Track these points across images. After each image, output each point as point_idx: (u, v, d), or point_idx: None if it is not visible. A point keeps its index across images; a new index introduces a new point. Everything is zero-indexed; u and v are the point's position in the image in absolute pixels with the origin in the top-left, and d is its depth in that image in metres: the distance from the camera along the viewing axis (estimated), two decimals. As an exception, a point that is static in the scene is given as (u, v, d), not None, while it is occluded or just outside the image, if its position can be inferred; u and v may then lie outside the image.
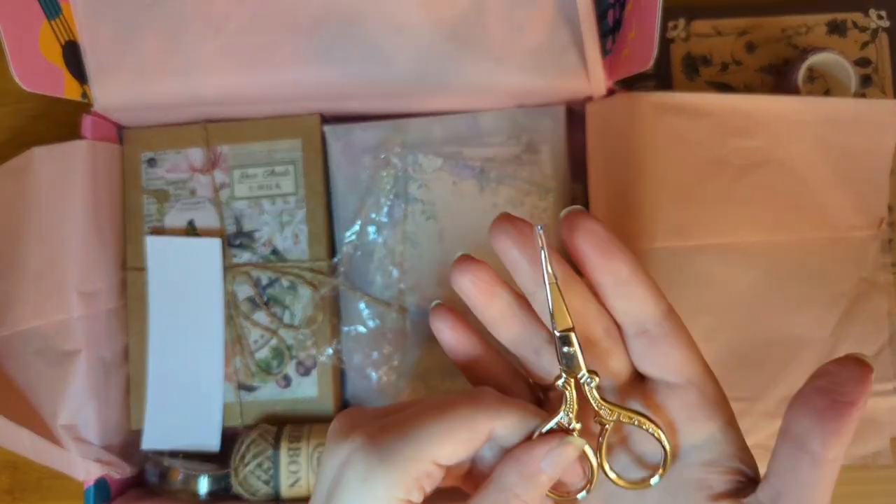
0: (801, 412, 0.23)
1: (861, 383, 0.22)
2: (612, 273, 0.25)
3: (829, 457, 0.22)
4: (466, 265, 0.27)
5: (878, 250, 0.51)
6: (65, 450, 0.49)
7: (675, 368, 0.26)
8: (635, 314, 0.26)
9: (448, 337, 0.29)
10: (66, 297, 0.49)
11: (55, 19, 0.49)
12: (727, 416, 0.26)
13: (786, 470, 0.23)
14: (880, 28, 0.56)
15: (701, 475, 0.26)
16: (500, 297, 0.27)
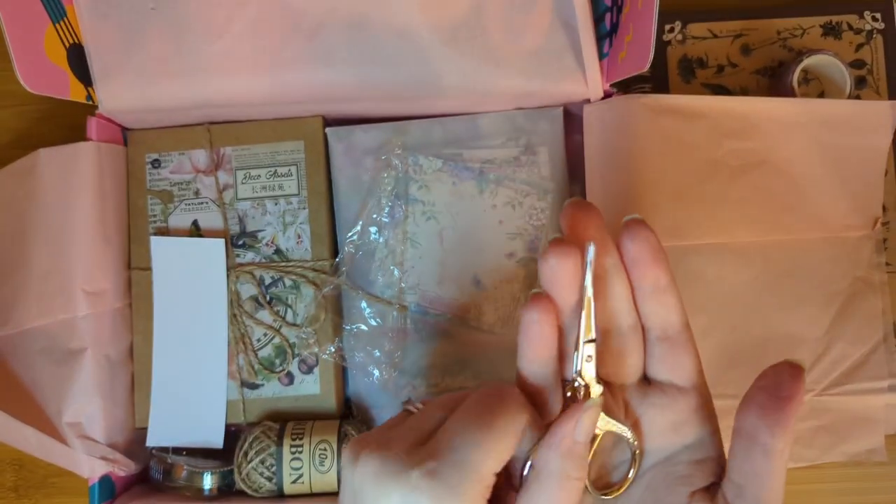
0: (748, 410, 0.26)
1: (796, 380, 0.26)
2: (654, 279, 0.28)
3: (778, 447, 0.25)
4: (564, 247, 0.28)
5: (872, 250, 0.51)
6: (70, 447, 0.49)
7: (687, 374, 0.29)
8: (663, 319, 0.29)
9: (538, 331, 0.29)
10: (72, 297, 0.50)
11: (60, 22, 0.49)
12: (716, 424, 0.29)
13: (742, 463, 0.26)
14: (875, 30, 0.56)
15: (688, 472, 0.28)
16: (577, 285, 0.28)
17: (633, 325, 0.29)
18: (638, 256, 0.29)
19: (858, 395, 0.50)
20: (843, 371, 0.50)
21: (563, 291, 0.28)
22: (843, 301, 0.50)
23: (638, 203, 0.49)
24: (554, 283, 0.28)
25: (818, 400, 0.50)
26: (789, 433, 0.25)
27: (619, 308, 0.29)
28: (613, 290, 0.29)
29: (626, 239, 0.29)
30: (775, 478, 0.26)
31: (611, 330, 0.29)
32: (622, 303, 0.29)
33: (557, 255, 0.28)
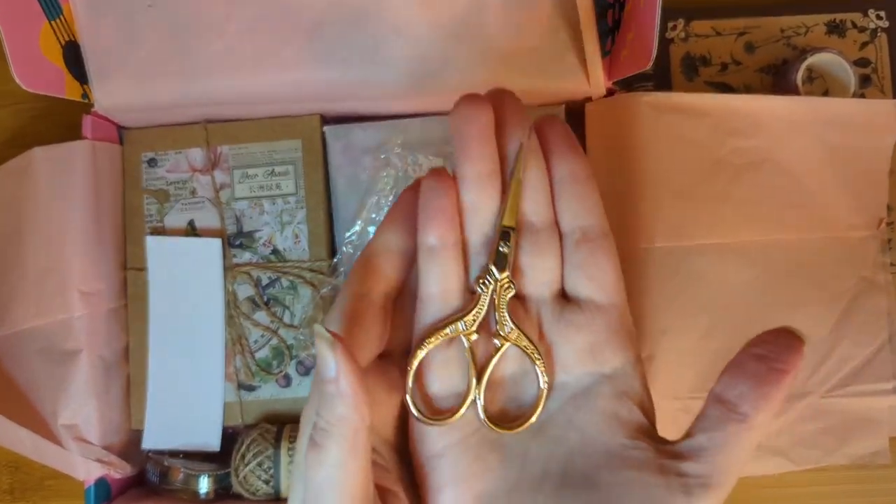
0: (736, 377, 0.24)
1: (796, 353, 0.23)
2: (571, 167, 0.26)
3: (758, 421, 0.23)
4: (480, 100, 0.26)
5: (877, 250, 0.51)
6: (65, 449, 0.49)
7: (606, 287, 0.26)
8: (583, 218, 0.26)
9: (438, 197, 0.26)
10: (67, 297, 0.50)
11: (56, 20, 0.49)
12: (637, 352, 0.26)
13: (712, 428, 0.24)
14: (879, 28, 0.56)
15: (612, 406, 0.25)
16: (493, 150, 0.26)
17: (549, 223, 0.26)
18: (554, 145, 0.26)
19: (863, 397, 0.50)
20: (848, 372, 0.50)
21: (474, 152, 0.25)
22: (848, 301, 0.50)
23: (640, 202, 0.49)
24: (464, 141, 0.25)
25: (822, 402, 0.50)
26: (774, 409, 0.23)
27: (535, 199, 0.26)
28: (529, 176, 0.26)
29: (543, 127, 0.26)
30: (743, 450, 0.24)
31: (523, 226, 0.26)
32: (539, 194, 0.26)
33: (470, 106, 0.25)
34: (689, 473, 0.23)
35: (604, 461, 0.24)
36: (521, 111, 0.26)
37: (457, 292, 0.26)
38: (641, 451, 0.24)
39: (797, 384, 0.49)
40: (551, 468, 0.25)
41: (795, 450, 0.50)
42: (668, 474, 0.24)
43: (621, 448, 0.24)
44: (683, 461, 0.24)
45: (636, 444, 0.25)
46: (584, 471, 0.24)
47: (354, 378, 0.23)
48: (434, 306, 0.26)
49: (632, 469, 0.24)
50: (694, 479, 0.23)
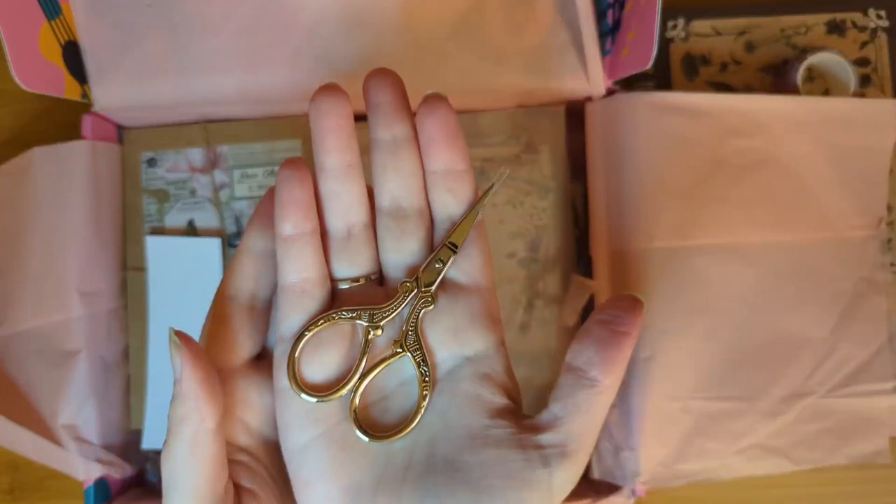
0: (583, 344, 0.25)
1: (636, 315, 0.25)
2: (447, 161, 0.26)
3: (606, 383, 0.24)
4: (335, 91, 0.26)
5: (877, 250, 0.51)
6: (65, 450, 0.49)
7: (474, 271, 0.26)
8: (453, 210, 0.26)
9: (291, 190, 0.26)
10: (67, 298, 0.49)
11: (55, 19, 0.49)
12: (501, 337, 0.26)
13: (566, 396, 0.25)
14: (879, 28, 0.56)
15: (474, 389, 0.25)
16: (351, 141, 0.27)
17: (417, 209, 0.26)
18: (433, 134, 0.26)
19: (863, 397, 0.50)
20: (848, 372, 0.50)
21: (330, 145, 0.26)
22: (848, 302, 0.50)
23: (640, 202, 0.49)
24: (321, 134, 0.26)
25: (822, 402, 0.50)
26: (620, 370, 0.24)
27: (405, 185, 0.26)
28: (401, 164, 0.26)
29: (423, 114, 0.26)
30: (596, 414, 0.24)
31: (391, 210, 0.26)
32: (409, 180, 0.26)
33: (326, 100, 0.26)
34: (546, 444, 0.24)
35: (466, 443, 0.24)
36: (396, 99, 0.26)
37: (316, 281, 0.26)
38: (502, 430, 0.24)
39: (797, 384, 0.49)
40: (416, 456, 0.25)
41: (796, 450, 0.50)
42: (527, 448, 0.24)
43: (482, 429, 0.24)
44: (541, 433, 0.24)
45: (496, 423, 0.25)
46: (447, 455, 0.24)
47: (197, 381, 0.24)
48: (293, 297, 0.26)
49: (492, 447, 0.24)
50: (551, 448, 0.24)
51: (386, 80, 0.26)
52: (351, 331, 0.26)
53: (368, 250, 0.27)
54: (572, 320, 0.52)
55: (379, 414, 0.26)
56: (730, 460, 0.50)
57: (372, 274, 0.27)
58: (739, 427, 0.49)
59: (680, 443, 0.49)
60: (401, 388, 0.26)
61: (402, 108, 0.26)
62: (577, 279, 0.52)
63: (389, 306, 0.26)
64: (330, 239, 0.27)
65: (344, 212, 0.26)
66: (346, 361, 0.26)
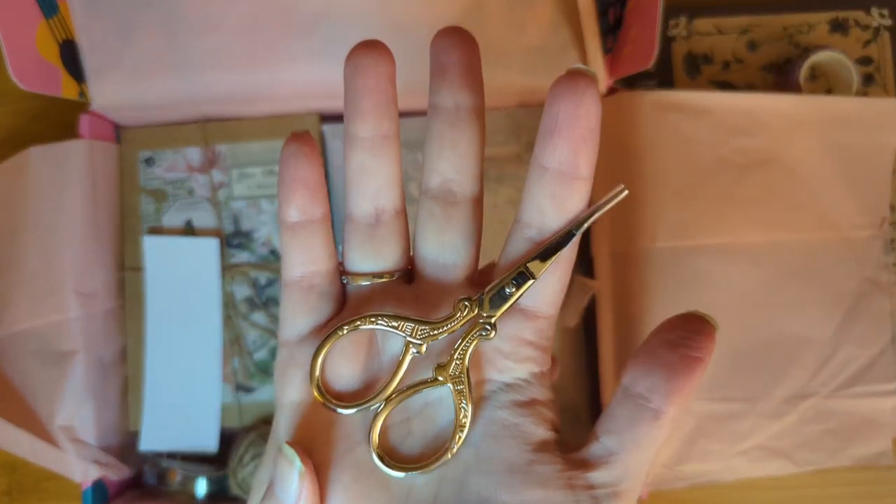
0: (647, 368, 0.21)
1: (709, 339, 0.21)
2: (568, 164, 0.22)
3: (670, 414, 0.21)
4: (379, 47, 0.22)
5: (880, 250, 0.50)
6: (62, 451, 0.49)
7: (542, 300, 0.22)
8: (549, 220, 0.22)
9: (296, 164, 0.22)
10: (64, 298, 0.49)
11: (52, 18, 0.48)
12: (546, 366, 0.23)
13: (622, 428, 0.21)
14: (882, 27, 0.56)
15: (515, 418, 0.22)
16: (391, 106, 0.23)
17: (470, 196, 0.24)
18: (563, 122, 0.21)
19: (866, 398, 0.50)
20: (851, 373, 0.50)
21: (368, 109, 0.22)
22: (851, 302, 0.50)
23: (642, 202, 0.49)
24: (356, 94, 0.22)
25: (825, 403, 0.49)
26: (687, 400, 0.21)
27: (460, 165, 0.23)
28: (459, 139, 0.23)
29: (561, 91, 0.21)
30: (654, 449, 0.21)
31: (439, 192, 0.23)
32: (466, 160, 0.23)
33: (367, 55, 0.22)
34: (598, 484, 0.21)
35: (505, 480, 0.21)
36: (468, 62, 0.22)
37: (324, 276, 0.23)
38: (547, 466, 0.21)
39: (800, 385, 0.49)
40: (443, 493, 0.22)
41: (798, 452, 0.50)
42: (576, 489, 0.21)
43: (524, 464, 0.21)
44: (592, 470, 0.21)
45: (540, 457, 0.22)
46: (482, 492, 0.21)
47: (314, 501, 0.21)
48: (299, 293, 0.23)
49: (535, 486, 0.21)
50: (603, 488, 0.21)
51: (459, 39, 0.22)
52: (369, 336, 0.23)
53: (398, 241, 0.23)
54: (573, 321, 0.51)
55: (401, 438, 0.23)
56: (732, 462, 0.49)
57: (398, 271, 0.23)
58: (742, 428, 0.49)
59: (682, 444, 0.49)
60: (426, 408, 0.23)
61: (473, 73, 0.23)
62: (578, 279, 0.52)
63: (440, 325, 0.22)
64: (353, 223, 0.23)
65: (374, 192, 0.23)
66: (365, 373, 0.23)
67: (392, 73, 0.23)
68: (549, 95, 0.21)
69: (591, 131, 0.21)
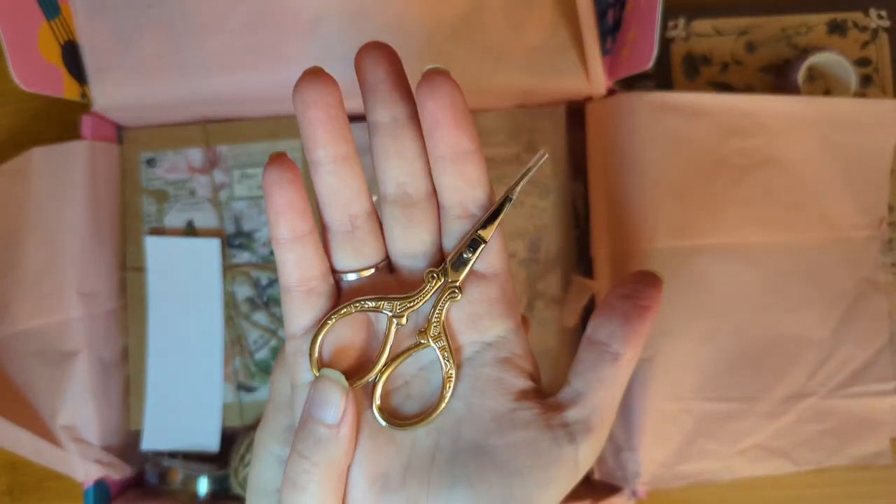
0: (605, 317, 0.25)
1: (656, 290, 0.25)
2: (455, 145, 0.24)
3: (627, 356, 0.24)
4: (321, 77, 0.24)
5: (878, 250, 0.50)
6: (64, 450, 0.49)
7: (491, 258, 0.26)
8: (464, 195, 0.25)
9: (284, 193, 0.24)
10: (66, 298, 0.49)
11: (54, 19, 0.49)
12: (518, 320, 0.26)
13: (587, 370, 0.25)
14: (880, 28, 0.56)
15: (496, 373, 0.25)
16: (344, 130, 0.25)
17: (424, 193, 0.25)
18: (437, 116, 0.23)
19: (864, 398, 0.50)
20: (849, 373, 0.50)
21: (322, 138, 0.24)
22: (849, 302, 0.50)
23: (641, 202, 0.49)
24: (310, 127, 0.24)
25: (824, 402, 0.50)
26: (641, 344, 0.25)
27: (410, 170, 0.25)
28: (404, 147, 0.25)
29: (425, 93, 0.23)
30: (618, 387, 0.25)
31: (397, 197, 0.25)
32: (414, 164, 0.25)
33: (312, 89, 0.24)
34: (571, 421, 0.24)
35: (492, 426, 0.25)
36: (393, 76, 0.25)
37: (321, 278, 0.26)
38: (527, 411, 0.25)
39: (798, 385, 0.49)
40: (442, 442, 0.25)
41: (797, 451, 0.50)
42: (554, 427, 0.24)
43: (508, 411, 0.25)
44: (565, 410, 0.25)
45: (521, 405, 0.25)
46: (473, 439, 0.25)
47: (355, 424, 0.24)
48: (299, 297, 0.25)
49: (519, 429, 0.24)
50: (576, 424, 0.24)
51: (380, 55, 0.25)
52: (366, 320, 0.26)
53: (374, 239, 0.26)
54: (573, 321, 0.52)
55: (401, 400, 0.26)
56: (731, 461, 0.49)
57: (379, 263, 0.26)
58: (740, 428, 0.49)
59: (681, 444, 0.49)
60: (421, 372, 0.26)
61: (400, 85, 0.25)
62: (577, 280, 0.52)
63: (414, 297, 0.25)
64: (332, 232, 0.26)
65: (344, 205, 0.25)
66: (364, 352, 0.26)
67: (339, 98, 0.25)
68: (417, 99, 0.24)
69: (461, 113, 0.24)
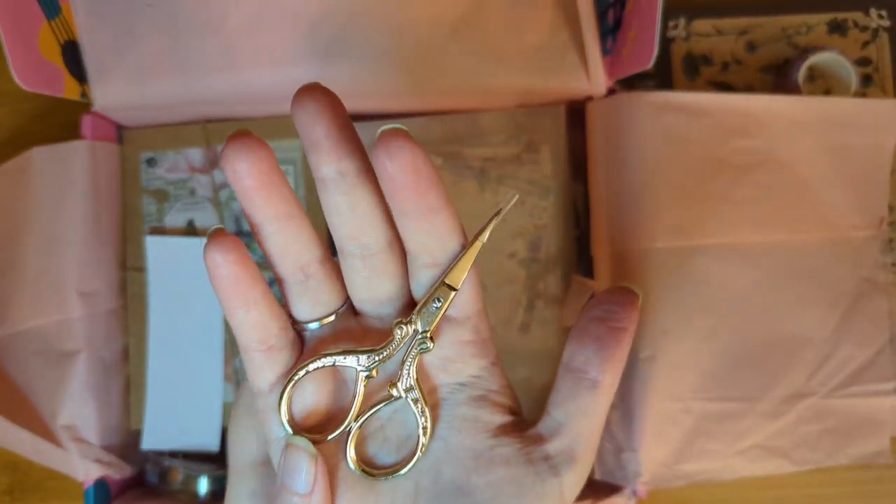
0: (580, 343, 0.24)
1: (632, 309, 0.24)
2: (420, 206, 0.22)
3: (606, 382, 0.23)
4: (246, 141, 0.22)
5: (878, 250, 0.50)
6: (65, 450, 0.49)
7: (463, 304, 0.24)
8: (431, 246, 0.23)
9: (228, 271, 0.23)
10: (66, 298, 0.49)
11: (55, 19, 0.49)
12: (493, 357, 0.25)
13: (566, 399, 0.24)
14: (881, 27, 0.56)
15: (472, 412, 0.25)
16: (281, 190, 0.23)
17: (385, 243, 0.24)
18: (398, 180, 0.21)
19: (864, 398, 0.50)
20: (849, 373, 0.50)
21: (259, 202, 0.23)
22: (849, 302, 0.50)
23: (641, 202, 0.49)
24: (246, 195, 0.23)
25: (824, 402, 0.50)
26: (619, 368, 0.23)
27: (366, 223, 0.23)
28: (357, 202, 0.23)
29: (381, 158, 0.21)
30: (599, 415, 0.24)
31: (355, 250, 0.24)
32: (370, 217, 0.23)
33: (239, 160, 0.22)
34: (553, 453, 0.24)
35: (472, 465, 0.24)
36: (336, 130, 0.22)
37: (277, 334, 0.24)
38: (507, 447, 0.24)
39: (798, 384, 0.49)
40: (422, 483, 0.24)
41: (797, 451, 0.50)
42: (535, 461, 0.24)
43: (487, 449, 0.24)
44: (546, 443, 0.24)
45: (500, 441, 0.24)
46: (454, 479, 0.24)
47: (327, 488, 0.24)
48: (260, 356, 0.24)
49: (499, 466, 0.24)
50: (558, 456, 0.24)
51: (319, 107, 0.22)
52: (332, 370, 0.25)
53: (331, 285, 0.25)
54: (573, 321, 0.51)
55: (378, 445, 0.25)
56: (731, 461, 0.49)
57: (339, 308, 0.25)
58: (741, 427, 0.49)
59: (681, 443, 0.49)
60: (396, 415, 0.26)
61: (346, 138, 0.22)
62: (577, 279, 0.52)
63: (382, 349, 0.24)
64: (286, 283, 0.25)
65: (295, 259, 0.24)
66: (334, 401, 0.25)
67: (271, 161, 0.23)
68: (374, 162, 0.22)
69: (423, 176, 0.22)
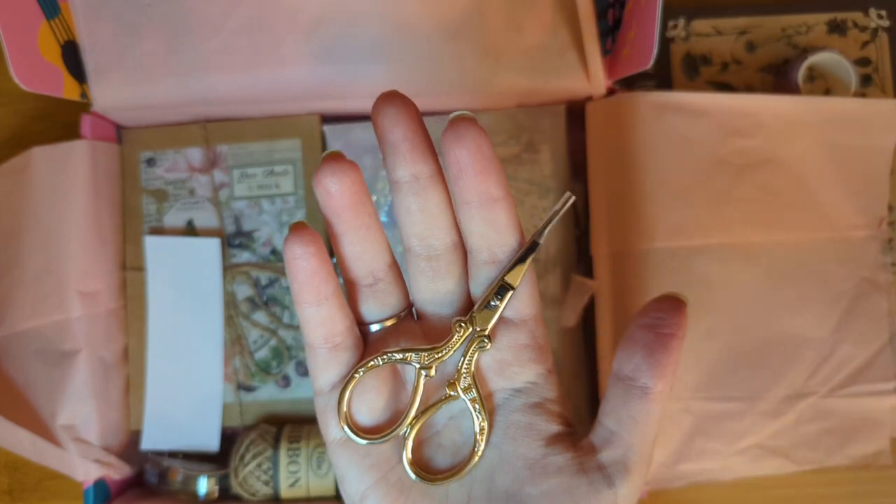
0: (629, 351, 0.24)
1: (679, 315, 0.24)
2: (482, 193, 0.23)
3: (658, 389, 0.23)
4: (339, 164, 0.24)
5: (878, 250, 0.50)
6: (64, 450, 0.49)
7: (521, 306, 0.25)
8: (491, 240, 0.24)
9: (307, 264, 0.24)
10: (66, 298, 0.49)
11: (54, 19, 0.49)
12: (550, 364, 0.26)
13: (617, 408, 0.24)
14: (880, 28, 0.56)
15: (527, 419, 0.25)
16: (366, 205, 0.25)
17: (450, 245, 0.25)
18: (464, 165, 0.23)
19: (864, 398, 0.50)
20: (849, 373, 0.50)
21: (344, 216, 0.24)
22: (849, 302, 0.50)
23: (641, 202, 0.49)
24: (331, 212, 0.24)
25: (823, 402, 0.50)
26: (671, 374, 0.23)
27: (434, 224, 0.25)
28: (427, 204, 0.24)
29: (450, 141, 0.23)
30: (652, 423, 0.24)
31: (421, 251, 0.25)
32: (438, 219, 0.25)
33: (331, 183, 0.24)
34: (607, 463, 0.24)
35: (526, 475, 0.24)
36: (414, 135, 0.24)
37: (343, 333, 0.25)
38: (560, 456, 0.24)
39: (798, 384, 0.49)
40: (475, 492, 0.25)
41: (797, 451, 0.50)
42: (589, 471, 0.24)
43: (540, 457, 0.24)
44: (600, 452, 0.24)
45: (554, 450, 0.24)
46: (507, 488, 0.24)
47: None
48: (325, 353, 0.25)
49: (553, 476, 0.24)
50: (612, 466, 0.24)
51: (398, 112, 0.23)
52: (394, 369, 0.26)
53: (397, 290, 0.26)
54: (573, 321, 0.52)
55: (433, 451, 0.26)
56: (731, 461, 0.49)
57: (402, 311, 0.26)
58: (740, 427, 0.49)
59: (681, 443, 0.49)
60: (451, 421, 0.26)
61: (421, 143, 0.24)
62: (577, 279, 0.52)
63: (442, 347, 0.25)
64: (355, 285, 0.26)
65: (368, 263, 0.25)
66: (393, 403, 0.26)
67: (360, 180, 0.24)
68: (442, 144, 0.23)
69: (488, 160, 0.23)
